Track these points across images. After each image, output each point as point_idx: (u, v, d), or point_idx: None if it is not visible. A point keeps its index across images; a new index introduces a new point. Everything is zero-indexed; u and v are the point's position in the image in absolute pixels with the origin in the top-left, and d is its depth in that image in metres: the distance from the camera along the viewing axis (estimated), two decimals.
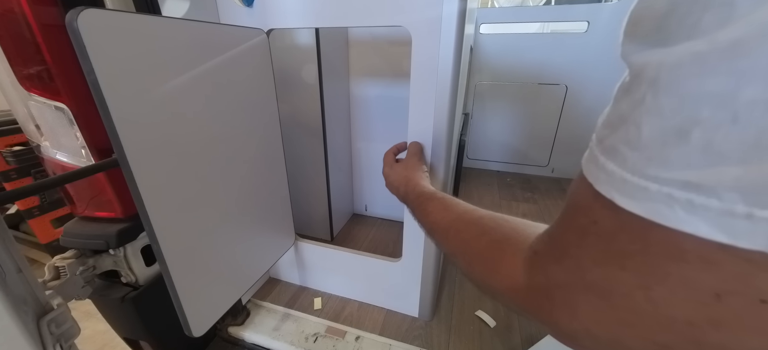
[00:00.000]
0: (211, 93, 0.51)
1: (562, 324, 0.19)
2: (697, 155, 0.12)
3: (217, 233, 0.56)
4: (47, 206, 1.30)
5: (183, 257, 0.49)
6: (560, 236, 0.20)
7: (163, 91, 0.43)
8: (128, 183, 0.40)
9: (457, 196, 0.37)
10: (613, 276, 0.16)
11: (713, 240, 0.12)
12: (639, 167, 0.14)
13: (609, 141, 0.16)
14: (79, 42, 0.33)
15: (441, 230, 0.36)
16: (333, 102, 0.99)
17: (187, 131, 0.48)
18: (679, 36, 0.12)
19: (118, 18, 0.37)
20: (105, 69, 0.35)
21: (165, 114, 0.44)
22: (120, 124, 0.38)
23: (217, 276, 0.58)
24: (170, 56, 0.44)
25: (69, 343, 0.43)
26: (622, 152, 0.15)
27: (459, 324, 0.78)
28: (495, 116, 1.61)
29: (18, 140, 1.24)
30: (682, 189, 0.12)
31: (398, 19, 0.53)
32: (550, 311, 0.20)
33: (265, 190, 0.69)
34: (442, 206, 0.39)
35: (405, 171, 0.51)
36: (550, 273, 0.20)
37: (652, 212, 0.14)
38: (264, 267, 0.73)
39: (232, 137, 0.57)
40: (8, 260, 0.38)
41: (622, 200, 0.15)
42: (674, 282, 0.14)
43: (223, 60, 0.53)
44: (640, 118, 0.14)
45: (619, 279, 0.16)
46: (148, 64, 0.41)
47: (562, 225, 0.20)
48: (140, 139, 0.40)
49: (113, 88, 0.36)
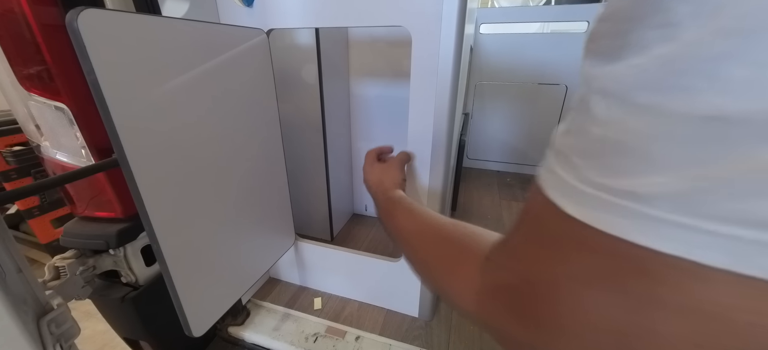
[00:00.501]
0: (211, 93, 0.51)
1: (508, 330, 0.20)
2: (635, 165, 0.13)
3: (217, 233, 0.56)
4: (47, 206, 1.30)
5: (183, 257, 0.49)
6: (511, 240, 0.21)
7: (163, 91, 0.43)
8: (128, 183, 0.40)
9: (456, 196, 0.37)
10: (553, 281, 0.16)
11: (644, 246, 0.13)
12: (586, 174, 0.14)
13: (560, 147, 0.16)
14: (79, 42, 0.33)
15: (405, 235, 0.37)
16: (333, 102, 0.99)
17: (187, 131, 0.48)
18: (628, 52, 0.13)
19: (118, 18, 0.37)
20: (105, 69, 0.35)
21: (165, 114, 0.44)
22: (120, 124, 0.38)
23: (217, 276, 0.58)
24: (170, 56, 0.44)
25: (69, 343, 0.43)
26: (570, 158, 0.15)
27: (459, 324, 0.78)
28: (495, 116, 1.61)
29: (18, 140, 1.24)
30: (620, 197, 0.13)
31: (398, 19, 0.54)
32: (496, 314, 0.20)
33: (265, 190, 0.69)
34: (408, 212, 0.39)
35: (381, 174, 0.53)
36: (499, 276, 0.21)
37: (593, 219, 0.14)
38: (264, 267, 0.73)
39: (232, 137, 0.57)
40: (8, 261, 0.38)
41: (566, 204, 0.15)
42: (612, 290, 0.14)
43: (223, 60, 0.53)
44: (588, 127, 0.14)
45: (561, 284, 0.16)
46: (148, 64, 0.41)
47: (514, 230, 0.20)
48: (140, 139, 0.40)
49: (113, 88, 0.36)
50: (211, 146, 0.52)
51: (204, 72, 0.49)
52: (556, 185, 0.16)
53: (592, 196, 0.14)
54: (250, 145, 0.62)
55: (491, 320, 0.21)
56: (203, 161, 0.51)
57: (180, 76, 0.45)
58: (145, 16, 0.43)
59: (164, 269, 0.46)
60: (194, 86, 0.48)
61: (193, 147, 0.49)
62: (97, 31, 0.34)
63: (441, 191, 0.64)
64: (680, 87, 0.11)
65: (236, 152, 0.58)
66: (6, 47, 0.45)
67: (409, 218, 0.38)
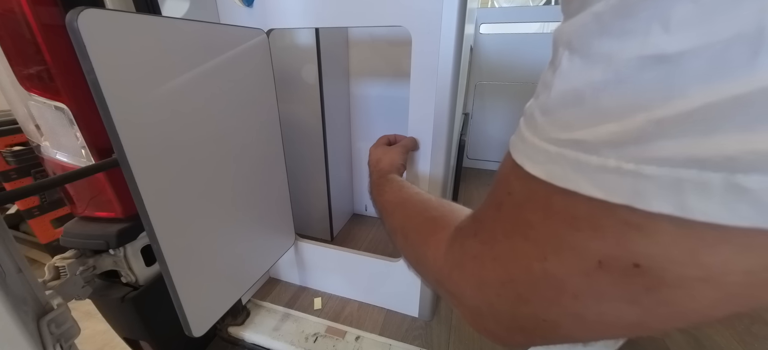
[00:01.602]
0: (211, 93, 0.51)
1: (467, 297, 0.20)
2: (587, 115, 0.13)
3: (217, 233, 0.56)
4: (47, 206, 1.30)
5: (183, 257, 0.49)
6: (481, 211, 0.21)
7: (163, 91, 0.43)
8: (128, 183, 0.40)
9: (457, 196, 0.37)
10: (517, 247, 0.16)
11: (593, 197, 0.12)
12: (545, 130, 0.14)
13: (527, 108, 0.16)
14: (79, 42, 0.33)
15: (389, 208, 0.38)
16: (333, 102, 0.99)
17: (187, 131, 0.48)
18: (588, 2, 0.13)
19: (118, 18, 0.37)
20: (105, 69, 0.35)
21: (165, 114, 0.44)
22: (120, 124, 0.38)
23: (218, 276, 0.58)
24: (171, 56, 0.44)
25: (69, 343, 0.43)
26: (536, 117, 0.15)
27: (459, 324, 0.78)
28: (495, 116, 1.61)
29: (18, 140, 1.24)
30: (572, 148, 0.13)
31: (398, 19, 0.53)
32: (458, 283, 0.20)
33: (265, 190, 0.69)
34: (397, 187, 0.41)
35: (382, 154, 0.55)
36: (466, 245, 0.21)
37: (548, 174, 0.14)
38: (264, 267, 0.73)
39: (232, 137, 0.57)
40: (8, 261, 0.38)
41: (527, 164, 0.15)
42: (566, 250, 0.14)
43: (224, 60, 0.53)
44: (552, 82, 0.14)
45: (522, 250, 0.16)
46: (149, 64, 0.41)
47: (485, 201, 0.20)
48: (140, 139, 0.40)
49: (113, 88, 0.36)
50: (211, 146, 0.52)
51: (204, 72, 0.49)
52: (519, 146, 0.16)
53: (546, 151, 0.14)
54: (250, 145, 0.62)
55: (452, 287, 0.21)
56: (203, 160, 0.51)
57: (180, 76, 0.45)
58: (146, 16, 0.43)
59: (164, 269, 0.46)
60: (195, 86, 0.48)
61: (194, 147, 0.49)
62: (97, 31, 0.34)
63: (441, 190, 0.64)
64: (630, 30, 0.11)
65: (236, 152, 0.58)
66: (6, 47, 0.45)
67: (397, 193, 0.39)
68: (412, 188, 0.39)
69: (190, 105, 0.48)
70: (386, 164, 0.52)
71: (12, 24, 0.43)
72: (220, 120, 0.54)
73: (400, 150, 0.56)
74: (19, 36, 0.44)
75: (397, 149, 0.56)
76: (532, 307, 0.16)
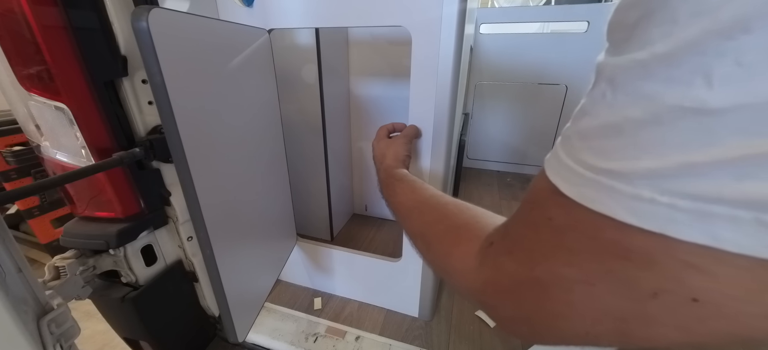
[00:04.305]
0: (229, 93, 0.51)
1: (502, 309, 0.21)
2: (624, 148, 0.14)
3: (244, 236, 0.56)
4: (47, 206, 1.30)
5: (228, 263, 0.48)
6: (515, 229, 0.21)
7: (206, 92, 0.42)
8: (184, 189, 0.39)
9: (457, 196, 0.37)
10: (559, 271, 0.17)
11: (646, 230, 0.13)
12: (581, 155, 0.15)
13: (566, 130, 0.17)
14: (147, 42, 0.31)
15: (405, 211, 0.38)
16: (333, 102, 0.99)
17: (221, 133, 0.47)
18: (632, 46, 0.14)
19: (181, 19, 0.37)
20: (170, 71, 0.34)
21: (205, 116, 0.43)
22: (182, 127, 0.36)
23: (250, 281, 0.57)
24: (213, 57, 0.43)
25: (69, 343, 0.43)
26: (573, 141, 0.16)
27: (459, 324, 0.78)
28: (495, 116, 1.61)
29: (18, 140, 1.24)
30: (606, 177, 0.14)
31: (398, 19, 0.53)
32: (494, 296, 0.21)
33: (273, 191, 0.69)
34: (409, 188, 0.40)
35: (385, 148, 0.54)
36: (501, 263, 0.21)
37: (581, 196, 0.15)
38: (278, 269, 0.73)
39: (247, 137, 0.57)
40: (8, 261, 0.37)
41: (562, 184, 0.16)
42: (616, 279, 0.15)
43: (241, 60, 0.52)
44: (593, 111, 0.15)
45: (564, 274, 0.16)
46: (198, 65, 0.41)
47: (519, 219, 0.21)
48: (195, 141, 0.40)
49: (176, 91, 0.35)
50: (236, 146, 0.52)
51: (229, 73, 0.49)
52: (555, 166, 0.17)
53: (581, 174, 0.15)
54: (259, 146, 0.62)
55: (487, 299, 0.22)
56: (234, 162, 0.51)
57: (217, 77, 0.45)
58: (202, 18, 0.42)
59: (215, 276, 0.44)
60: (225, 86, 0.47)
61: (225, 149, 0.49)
62: (165, 31, 0.33)
63: (441, 190, 0.64)
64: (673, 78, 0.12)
65: (251, 152, 0.58)
66: (6, 47, 0.45)
67: (410, 194, 0.39)
68: (425, 187, 0.39)
69: (221, 105, 0.47)
70: (391, 158, 0.51)
71: (12, 24, 0.43)
72: (238, 120, 0.54)
73: (403, 140, 0.55)
74: (19, 36, 0.44)
75: (400, 140, 0.55)
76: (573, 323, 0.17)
